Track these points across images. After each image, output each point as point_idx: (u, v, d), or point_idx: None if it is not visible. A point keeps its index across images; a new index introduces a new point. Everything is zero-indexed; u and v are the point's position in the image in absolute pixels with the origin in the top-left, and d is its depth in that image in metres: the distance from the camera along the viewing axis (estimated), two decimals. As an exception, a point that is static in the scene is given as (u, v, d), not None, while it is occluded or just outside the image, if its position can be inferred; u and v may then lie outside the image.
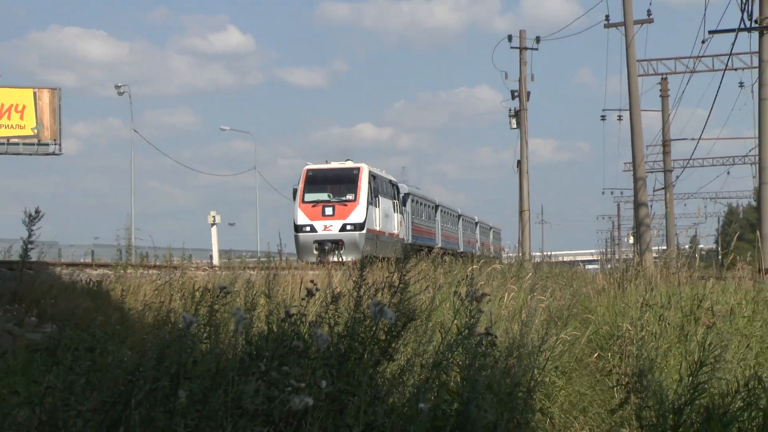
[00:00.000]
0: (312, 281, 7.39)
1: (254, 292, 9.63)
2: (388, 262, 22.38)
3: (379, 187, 40.97)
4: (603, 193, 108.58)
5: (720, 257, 20.20)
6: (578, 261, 67.61)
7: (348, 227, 37.09)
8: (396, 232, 44.63)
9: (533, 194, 45.72)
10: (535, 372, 7.62)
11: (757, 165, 19.58)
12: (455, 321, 6.93)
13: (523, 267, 20.90)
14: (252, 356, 5.81)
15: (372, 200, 38.54)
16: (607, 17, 37.78)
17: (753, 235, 20.40)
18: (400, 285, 6.50)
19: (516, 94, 43.40)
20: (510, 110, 43.96)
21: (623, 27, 35.49)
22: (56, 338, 7.17)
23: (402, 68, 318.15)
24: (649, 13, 37.70)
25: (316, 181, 38.93)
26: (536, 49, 43.52)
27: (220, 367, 5.42)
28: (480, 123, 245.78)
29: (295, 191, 39.96)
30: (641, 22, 36.59)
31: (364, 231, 37.06)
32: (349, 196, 37.65)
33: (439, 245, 51.63)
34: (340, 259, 30.54)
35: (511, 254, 29.94)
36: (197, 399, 4.86)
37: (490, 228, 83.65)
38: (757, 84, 18.73)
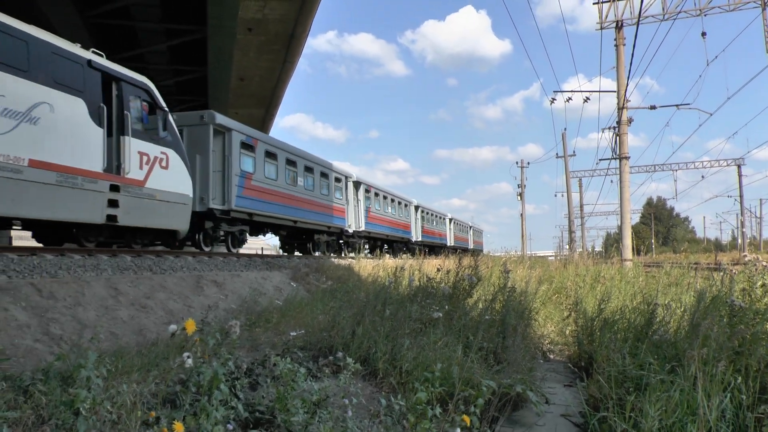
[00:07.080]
0: (439, 264, 7.23)
1: (413, 268, 9.47)
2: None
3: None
4: (555, 227, 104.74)
5: (605, 255, 19.33)
6: (546, 256, 64.81)
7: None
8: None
9: (526, 227, 44.30)
10: (532, 303, 7.33)
11: (620, 215, 18.97)
12: (499, 281, 6.68)
13: (524, 259, 20.08)
14: (414, 295, 5.70)
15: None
16: (557, 154, 36.76)
17: (619, 244, 19.41)
18: (475, 265, 6.29)
19: (519, 186, 42.36)
20: (517, 193, 42.93)
21: (563, 158, 34.38)
22: (333, 287, 7.15)
23: (470, 176, 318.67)
24: (573, 152, 36.90)
25: None
26: (527, 166, 42.74)
27: (401, 300, 5.32)
28: (503, 199, 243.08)
29: None
30: (570, 155, 35.39)
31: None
32: None
33: (417, 239, 27.20)
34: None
35: (518, 252, 24.67)
36: (392, 312, 4.76)
37: (470, 227, 46.71)
38: (619, 181, 18.70)
